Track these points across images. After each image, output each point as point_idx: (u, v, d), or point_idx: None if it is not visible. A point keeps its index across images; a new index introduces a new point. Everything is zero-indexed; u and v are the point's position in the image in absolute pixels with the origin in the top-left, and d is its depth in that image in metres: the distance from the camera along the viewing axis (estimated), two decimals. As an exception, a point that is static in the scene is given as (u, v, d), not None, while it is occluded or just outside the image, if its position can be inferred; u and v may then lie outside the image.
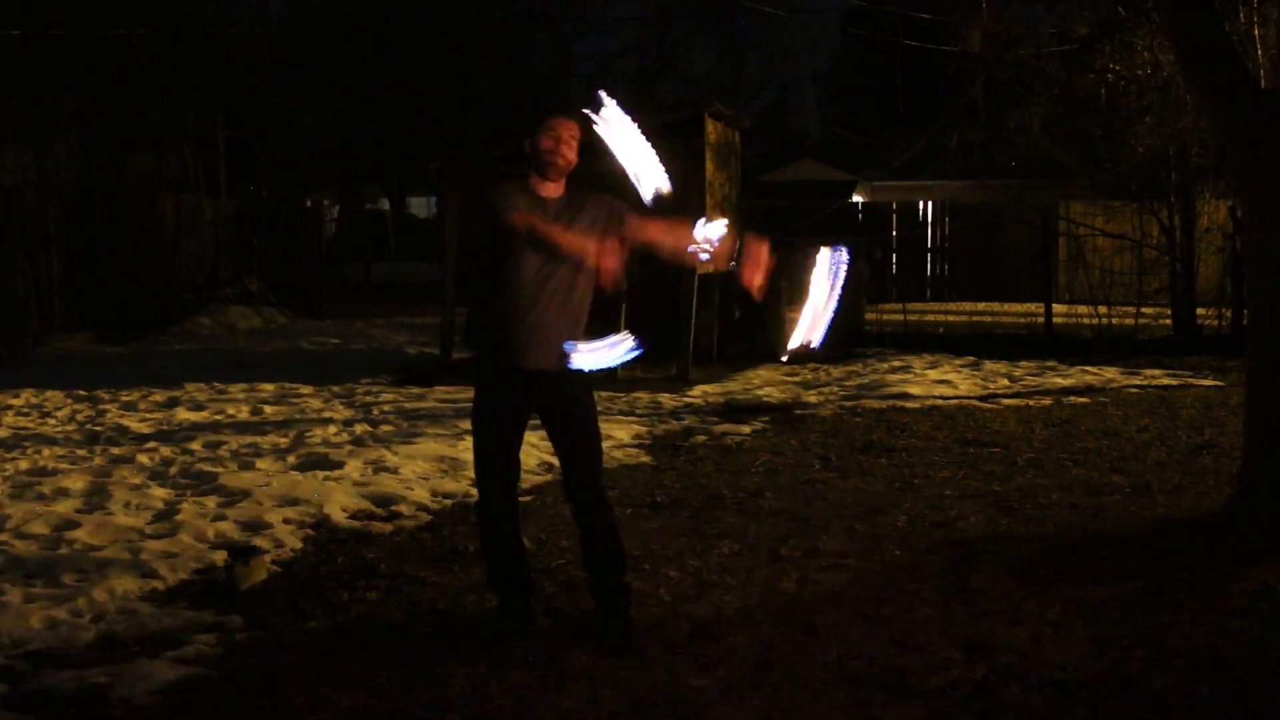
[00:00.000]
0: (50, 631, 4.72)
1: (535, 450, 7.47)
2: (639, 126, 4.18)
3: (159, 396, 11.02)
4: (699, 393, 11.16)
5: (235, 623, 4.83)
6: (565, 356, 4.33)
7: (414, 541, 6.08)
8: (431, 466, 7.72)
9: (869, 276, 18.25)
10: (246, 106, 24.99)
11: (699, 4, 34.10)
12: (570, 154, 4.40)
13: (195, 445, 8.61)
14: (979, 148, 18.49)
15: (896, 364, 13.15)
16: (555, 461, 7.17)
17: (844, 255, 4.15)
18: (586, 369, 4.35)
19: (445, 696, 4.09)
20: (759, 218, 18.52)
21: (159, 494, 7.01)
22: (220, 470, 7.63)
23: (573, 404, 4.53)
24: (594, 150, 4.37)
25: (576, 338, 4.41)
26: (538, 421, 4.64)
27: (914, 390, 11.16)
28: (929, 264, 25.67)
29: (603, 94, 4.14)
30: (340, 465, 7.67)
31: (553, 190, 4.45)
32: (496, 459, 4.57)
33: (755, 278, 4.12)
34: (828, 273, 4.13)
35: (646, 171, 4.13)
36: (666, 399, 10.79)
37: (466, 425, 9.01)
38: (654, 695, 4.09)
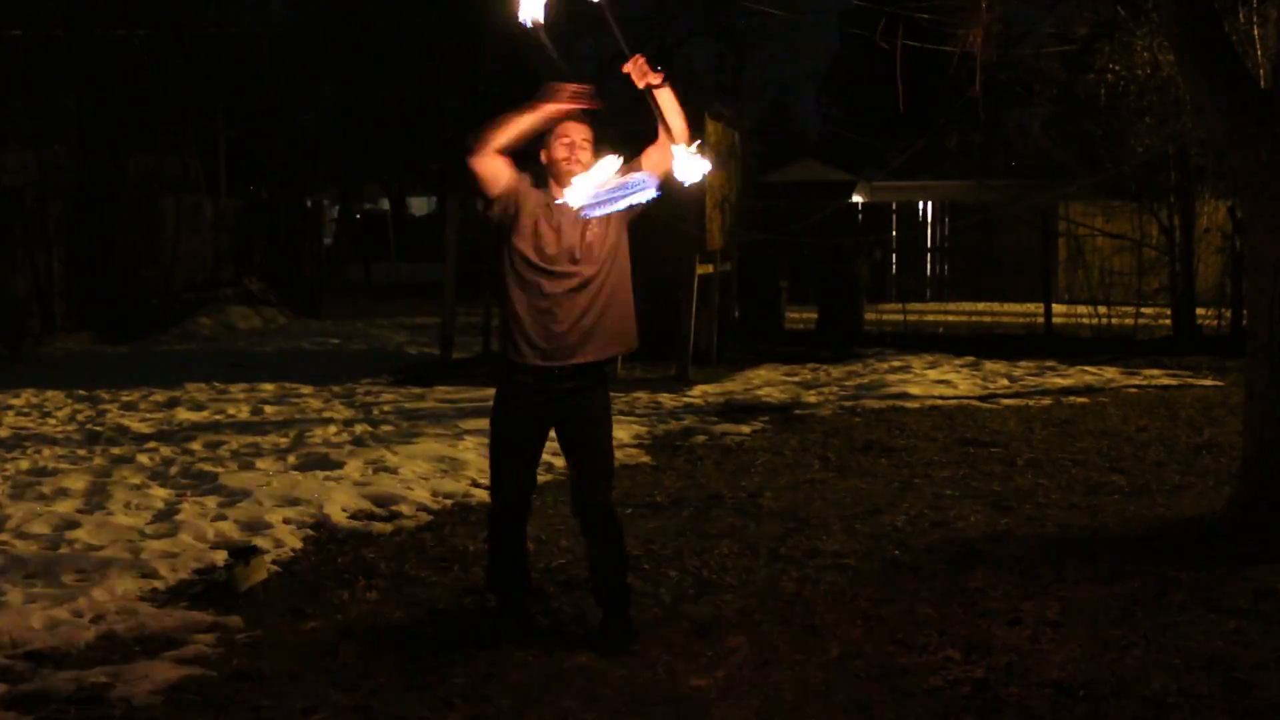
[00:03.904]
0: (50, 631, 4.71)
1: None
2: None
3: (159, 396, 11.02)
4: (698, 393, 11.15)
5: (235, 623, 4.84)
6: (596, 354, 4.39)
7: (414, 541, 6.08)
8: (431, 466, 7.72)
9: (868, 277, 18.25)
10: (246, 106, 24.97)
11: (699, 4, 34.08)
12: (586, 157, 4.31)
13: (195, 445, 8.61)
14: (979, 148, 18.52)
15: (896, 364, 13.15)
16: (555, 462, 7.19)
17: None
18: (590, 213, 4.16)
19: (445, 696, 4.10)
20: (758, 218, 18.54)
21: (159, 494, 7.02)
22: (220, 470, 7.63)
23: (590, 415, 4.50)
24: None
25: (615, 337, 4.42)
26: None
27: (914, 390, 11.16)
28: (929, 264, 25.68)
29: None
30: (340, 465, 7.67)
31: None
32: (521, 467, 4.55)
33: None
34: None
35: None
36: (666, 399, 10.79)
37: (466, 425, 9.09)
38: (654, 695, 4.09)
